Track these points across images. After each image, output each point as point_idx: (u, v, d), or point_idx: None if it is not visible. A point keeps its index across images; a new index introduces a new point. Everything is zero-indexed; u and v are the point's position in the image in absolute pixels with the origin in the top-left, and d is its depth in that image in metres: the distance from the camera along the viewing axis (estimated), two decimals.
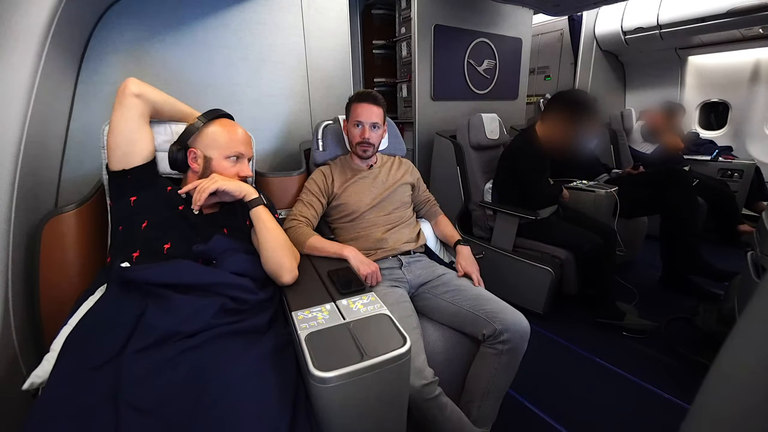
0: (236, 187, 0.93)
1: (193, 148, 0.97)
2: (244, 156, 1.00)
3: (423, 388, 0.92)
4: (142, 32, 1.28)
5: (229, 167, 0.97)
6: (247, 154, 1.01)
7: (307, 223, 1.20)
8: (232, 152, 0.97)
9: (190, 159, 0.97)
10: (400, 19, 2.42)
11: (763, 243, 1.13)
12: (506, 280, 1.85)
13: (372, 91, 1.28)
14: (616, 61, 3.60)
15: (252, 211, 0.94)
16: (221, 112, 1.02)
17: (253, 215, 0.94)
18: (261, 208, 0.95)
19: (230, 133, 0.99)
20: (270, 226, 0.94)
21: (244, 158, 1.00)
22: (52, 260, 0.94)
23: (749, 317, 0.46)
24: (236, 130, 1.00)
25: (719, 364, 0.47)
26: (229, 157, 0.97)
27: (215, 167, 0.96)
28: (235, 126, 1.01)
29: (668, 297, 2.01)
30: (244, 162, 1.01)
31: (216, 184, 0.90)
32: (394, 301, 1.08)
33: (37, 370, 0.70)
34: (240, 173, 0.99)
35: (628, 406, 1.31)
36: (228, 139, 0.98)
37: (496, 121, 2.06)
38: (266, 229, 0.93)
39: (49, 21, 0.91)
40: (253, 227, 0.95)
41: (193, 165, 0.98)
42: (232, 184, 0.93)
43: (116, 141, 0.93)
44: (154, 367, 0.64)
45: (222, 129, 0.98)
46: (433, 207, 1.46)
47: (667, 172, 2.14)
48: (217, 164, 0.96)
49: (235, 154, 0.98)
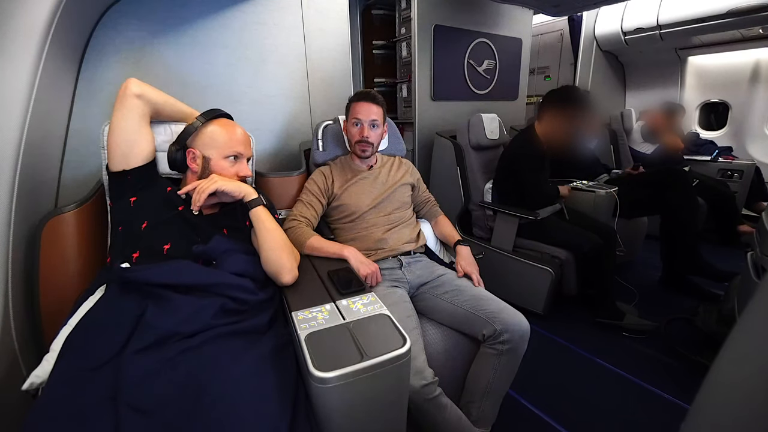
0: (235, 188, 0.93)
1: (191, 148, 0.97)
2: (243, 156, 1.00)
3: (423, 388, 0.92)
4: (142, 32, 1.28)
5: (227, 167, 0.97)
6: (245, 154, 1.01)
7: (307, 224, 1.20)
8: (231, 152, 0.97)
9: (189, 159, 0.97)
10: (400, 19, 2.42)
11: (763, 243, 1.12)
12: (506, 280, 1.85)
13: (371, 91, 1.27)
14: (616, 62, 3.60)
15: (251, 211, 0.94)
16: (220, 111, 1.02)
17: (253, 216, 0.94)
18: (260, 208, 0.95)
19: (229, 132, 0.98)
20: (270, 226, 0.94)
21: (242, 158, 1.00)
22: (52, 260, 0.94)
23: (749, 317, 0.46)
24: (235, 129, 1.00)
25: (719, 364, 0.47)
26: (227, 157, 0.97)
27: (214, 167, 0.96)
28: (233, 126, 1.01)
29: (668, 297, 2.00)
30: (242, 162, 1.00)
31: (215, 184, 0.90)
32: (394, 301, 1.08)
33: (37, 370, 0.70)
34: (239, 173, 0.99)
35: (628, 407, 1.31)
36: (226, 138, 0.97)
37: (496, 121, 2.06)
38: (266, 229, 0.93)
39: (49, 21, 0.91)
40: (253, 228, 0.95)
41: (192, 165, 0.98)
42: (231, 185, 0.93)
43: (116, 141, 0.93)
44: (153, 368, 0.64)
45: (220, 129, 0.98)
46: (433, 207, 1.46)
47: (667, 172, 2.14)
48: (216, 164, 0.96)
49: (234, 153, 0.98)
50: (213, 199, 0.94)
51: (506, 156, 1.88)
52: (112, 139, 0.93)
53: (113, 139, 0.93)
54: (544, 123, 1.78)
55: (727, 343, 0.46)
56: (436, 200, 1.48)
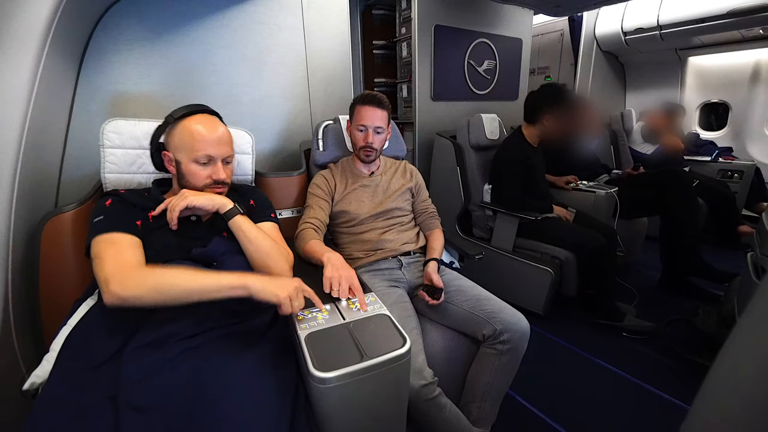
0: (207, 201, 0.86)
1: (166, 151, 0.91)
2: (217, 158, 0.89)
3: (422, 388, 0.92)
4: (143, 32, 1.28)
5: (198, 171, 0.88)
6: (220, 155, 0.90)
7: (316, 227, 1.17)
8: (200, 155, 0.87)
9: (165, 162, 0.91)
10: (400, 19, 2.43)
11: (763, 244, 1.12)
12: (506, 280, 1.85)
13: (377, 94, 1.24)
14: (616, 62, 3.60)
15: (230, 222, 0.88)
16: (195, 107, 0.92)
17: (233, 226, 0.88)
18: (238, 218, 0.88)
19: (196, 132, 0.87)
20: (251, 235, 0.89)
21: (217, 160, 0.89)
22: (52, 260, 0.94)
23: (749, 318, 0.46)
24: (205, 128, 0.88)
25: (719, 365, 0.47)
26: (197, 161, 0.87)
27: (185, 172, 0.88)
28: (205, 124, 0.89)
29: (668, 298, 2.00)
30: (217, 164, 0.90)
31: (184, 201, 0.83)
32: (393, 301, 1.08)
33: (37, 370, 0.71)
34: (213, 176, 0.89)
35: (627, 407, 1.31)
36: (194, 140, 0.86)
37: (496, 121, 2.06)
38: (247, 239, 0.88)
39: (49, 21, 0.91)
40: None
41: (169, 168, 0.92)
42: (201, 199, 0.85)
43: None
44: (153, 368, 0.64)
45: (189, 129, 0.87)
46: (429, 219, 1.36)
47: (667, 173, 2.14)
48: (186, 168, 0.88)
49: (204, 156, 0.87)
50: (188, 212, 0.88)
51: (494, 159, 1.92)
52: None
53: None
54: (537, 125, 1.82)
55: (727, 344, 0.46)
56: (436, 202, 1.43)
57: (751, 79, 3.07)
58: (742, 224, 2.62)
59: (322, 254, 1.00)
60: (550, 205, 1.87)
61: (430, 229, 1.35)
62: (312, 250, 1.06)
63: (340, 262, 0.96)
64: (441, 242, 1.30)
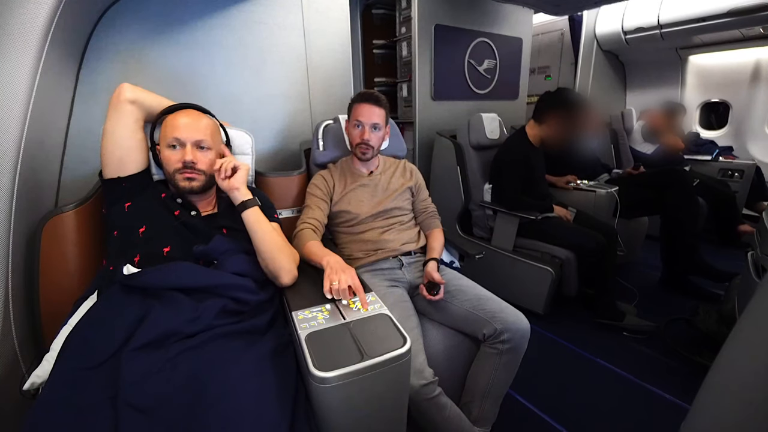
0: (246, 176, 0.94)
1: (158, 145, 0.97)
2: (186, 140, 0.90)
3: (423, 388, 0.92)
4: (142, 32, 1.28)
5: (169, 156, 0.91)
6: (189, 138, 0.91)
7: (314, 227, 1.17)
8: (169, 138, 0.90)
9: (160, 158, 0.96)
10: (400, 18, 2.42)
11: (763, 243, 1.12)
12: (506, 280, 1.85)
13: (374, 92, 1.24)
14: (616, 61, 3.59)
15: (245, 212, 0.91)
16: (181, 104, 0.98)
17: (247, 217, 0.91)
18: (255, 209, 0.92)
19: (169, 120, 0.93)
20: (265, 228, 0.92)
21: (186, 143, 0.91)
22: (52, 260, 0.94)
23: (749, 317, 0.46)
24: (178, 116, 0.93)
25: (719, 364, 0.47)
26: (168, 145, 0.91)
27: (162, 160, 0.93)
28: (181, 113, 0.94)
29: (668, 298, 2.00)
30: (186, 149, 0.91)
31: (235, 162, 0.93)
32: (394, 301, 1.08)
33: (37, 370, 0.71)
34: (182, 159, 0.90)
35: (628, 407, 1.31)
36: (166, 127, 0.92)
37: (496, 121, 2.06)
38: (262, 231, 0.91)
39: (49, 21, 0.91)
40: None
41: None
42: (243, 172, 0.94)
43: (111, 148, 0.92)
44: (154, 367, 0.64)
45: (167, 120, 0.93)
46: (429, 219, 1.36)
47: (667, 172, 2.14)
48: (162, 155, 0.93)
49: (172, 139, 0.90)
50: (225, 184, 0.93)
51: (494, 159, 1.91)
52: (107, 145, 0.92)
53: (108, 145, 0.92)
54: (544, 124, 1.80)
55: (727, 343, 0.46)
56: (436, 203, 1.42)
57: (751, 78, 3.07)
58: (743, 223, 2.62)
59: (322, 257, 0.99)
60: (550, 205, 1.87)
61: (430, 229, 1.35)
62: (311, 251, 1.06)
63: (340, 264, 0.96)
64: (441, 242, 1.30)
